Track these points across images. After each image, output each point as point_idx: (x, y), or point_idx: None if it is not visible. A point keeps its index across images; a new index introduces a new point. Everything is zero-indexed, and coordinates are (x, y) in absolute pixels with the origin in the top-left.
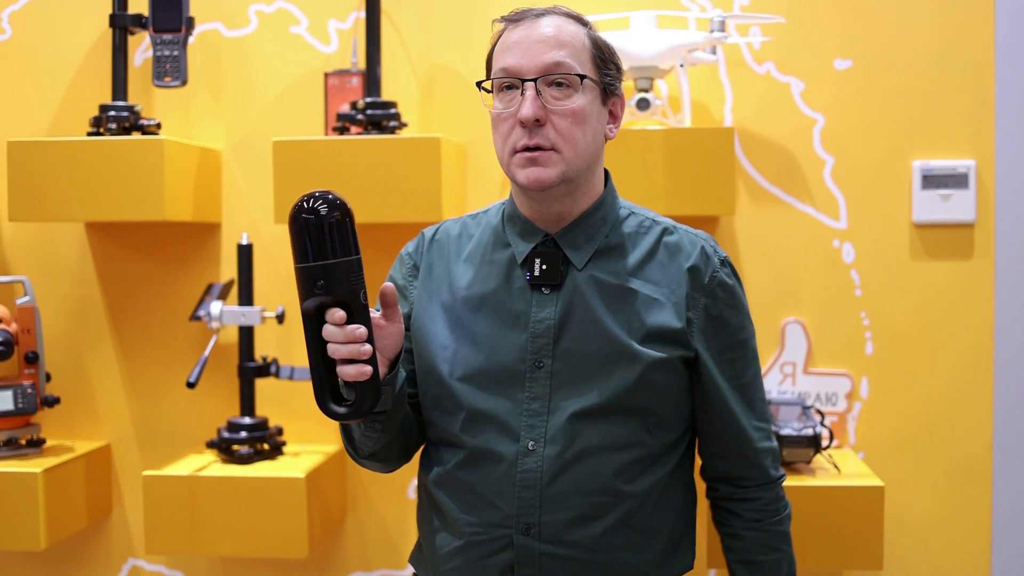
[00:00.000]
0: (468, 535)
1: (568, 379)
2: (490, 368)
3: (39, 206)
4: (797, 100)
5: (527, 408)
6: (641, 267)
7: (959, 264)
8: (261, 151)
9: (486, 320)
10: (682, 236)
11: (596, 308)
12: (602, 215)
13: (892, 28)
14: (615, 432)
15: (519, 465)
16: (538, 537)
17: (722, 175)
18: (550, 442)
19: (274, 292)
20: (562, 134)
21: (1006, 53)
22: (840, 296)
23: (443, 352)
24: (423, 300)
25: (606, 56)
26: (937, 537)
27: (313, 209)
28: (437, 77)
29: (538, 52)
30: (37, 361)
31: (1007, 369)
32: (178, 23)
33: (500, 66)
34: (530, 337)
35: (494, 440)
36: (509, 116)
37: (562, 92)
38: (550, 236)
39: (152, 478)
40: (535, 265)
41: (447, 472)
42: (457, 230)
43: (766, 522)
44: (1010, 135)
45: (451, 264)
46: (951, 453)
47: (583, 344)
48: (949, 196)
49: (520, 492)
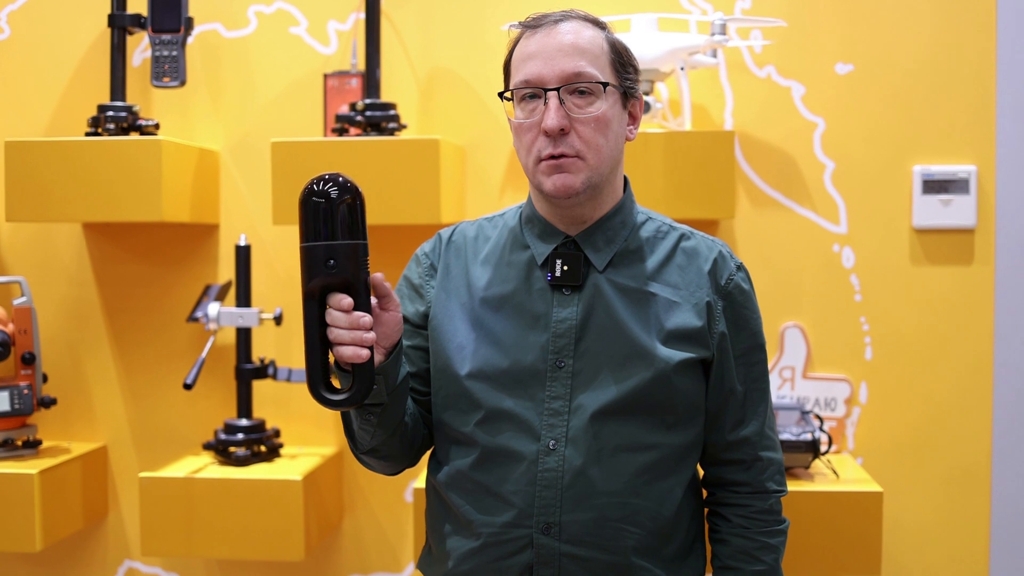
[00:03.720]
0: (485, 536)
1: (589, 379)
2: (511, 368)
3: (37, 206)
4: (798, 104)
5: (548, 408)
6: (660, 271)
7: (959, 270)
8: (260, 152)
9: (506, 320)
10: (699, 241)
11: (617, 309)
12: (622, 219)
13: (893, 32)
14: (635, 433)
15: (540, 464)
16: (559, 537)
17: (722, 179)
18: (571, 441)
19: (272, 294)
20: (586, 141)
21: (1007, 58)
22: (840, 301)
23: (461, 352)
24: (441, 300)
25: (625, 59)
26: (936, 543)
27: (324, 191)
28: (437, 79)
29: (559, 60)
30: (34, 362)
31: (1007, 374)
32: (177, 23)
33: (521, 76)
34: (552, 337)
35: (513, 439)
36: (532, 126)
37: (585, 100)
38: (571, 238)
39: (148, 480)
40: (556, 266)
41: (461, 473)
42: (474, 232)
43: (752, 530)
44: (1011, 140)
45: (468, 265)
46: (950, 459)
47: (604, 344)
48: (950, 201)
49: (541, 491)
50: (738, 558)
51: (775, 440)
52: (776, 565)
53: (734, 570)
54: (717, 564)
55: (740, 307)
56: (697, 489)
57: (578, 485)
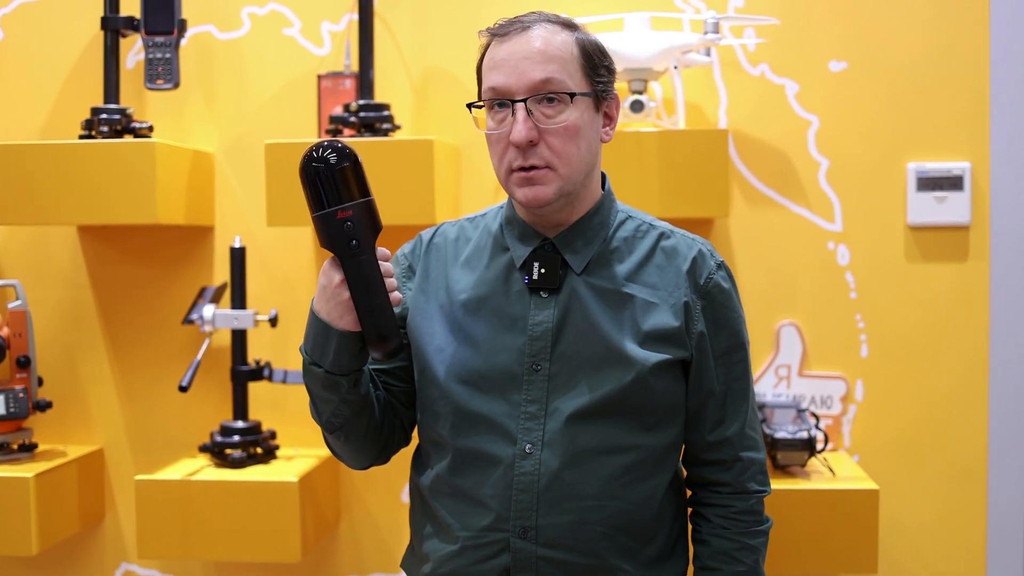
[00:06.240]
0: (463, 539)
1: (565, 382)
2: (487, 371)
3: (31, 209)
4: (792, 102)
5: (524, 411)
6: (638, 271)
7: (954, 267)
8: (254, 154)
9: (484, 323)
10: (679, 240)
11: (594, 311)
12: (600, 219)
13: (887, 30)
14: (613, 435)
15: (516, 468)
16: (535, 540)
17: (717, 177)
18: (547, 445)
19: (267, 295)
20: (556, 152)
21: (1001, 55)
22: (835, 299)
23: (439, 354)
24: (420, 302)
25: (597, 61)
26: (932, 541)
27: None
28: (431, 79)
29: (526, 69)
30: (29, 365)
31: (1003, 372)
32: (170, 25)
33: (489, 85)
34: (528, 340)
35: (490, 443)
36: (502, 137)
37: (554, 108)
38: (549, 240)
39: (145, 482)
40: (533, 269)
41: (439, 476)
42: (454, 233)
43: (732, 531)
44: (1005, 137)
45: (448, 267)
46: (947, 456)
47: (581, 347)
48: (944, 198)
49: (517, 495)
50: (717, 559)
51: (757, 440)
52: (756, 566)
53: (713, 571)
54: (698, 564)
55: (719, 306)
56: (680, 488)
57: (555, 488)
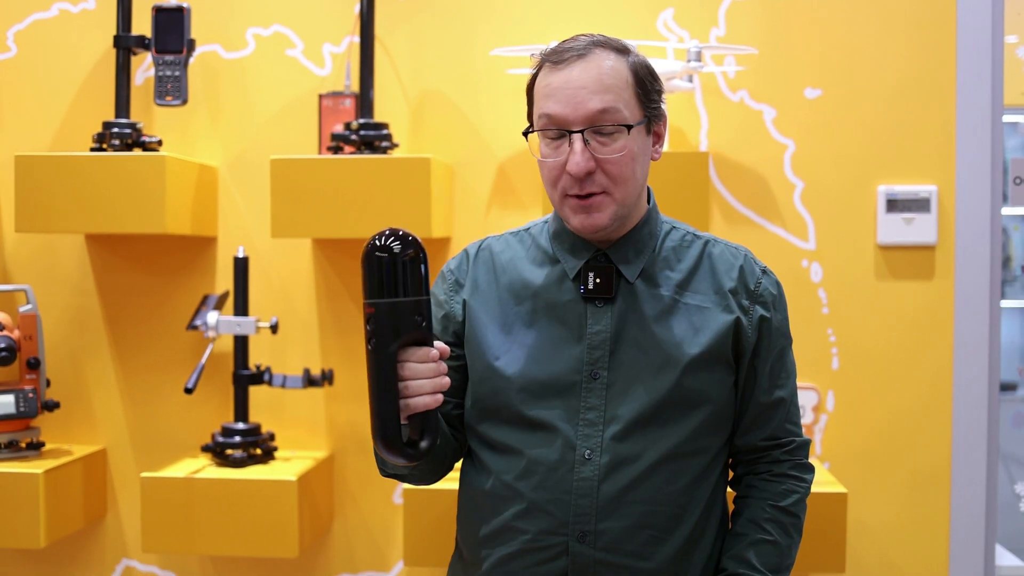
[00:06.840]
0: (522, 542)
1: (623, 389)
2: (546, 379)
3: (45, 218)
4: (769, 127)
5: (583, 418)
6: (689, 279)
7: (921, 284)
8: (256, 168)
9: (540, 332)
10: (724, 248)
11: (649, 320)
12: (649, 230)
13: (860, 60)
14: (669, 440)
15: (575, 473)
16: (593, 545)
17: (697, 197)
18: (606, 451)
19: (268, 303)
20: (613, 178)
21: (967, 85)
22: (808, 313)
23: (497, 363)
24: (473, 314)
25: (649, 86)
26: (898, 542)
27: (412, 246)
28: (427, 100)
29: (583, 99)
30: (38, 367)
31: (965, 384)
32: (180, 45)
33: (544, 111)
34: (587, 349)
35: (550, 449)
36: (557, 165)
37: (610, 137)
38: (602, 251)
39: (150, 479)
40: (588, 279)
41: (497, 480)
42: (501, 246)
43: (777, 470)
44: (970, 163)
45: (499, 278)
46: (912, 463)
47: (638, 355)
48: (912, 220)
49: (576, 500)
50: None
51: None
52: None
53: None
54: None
55: (771, 308)
56: (724, 495)
57: (612, 494)
